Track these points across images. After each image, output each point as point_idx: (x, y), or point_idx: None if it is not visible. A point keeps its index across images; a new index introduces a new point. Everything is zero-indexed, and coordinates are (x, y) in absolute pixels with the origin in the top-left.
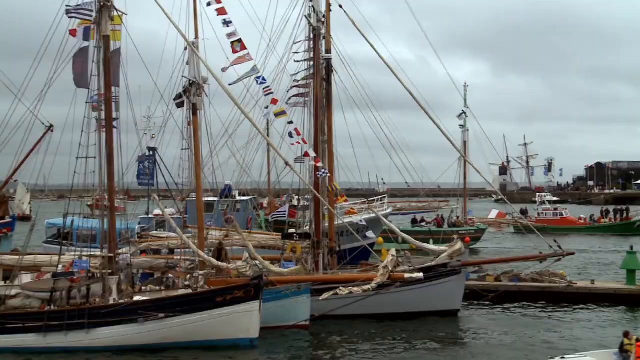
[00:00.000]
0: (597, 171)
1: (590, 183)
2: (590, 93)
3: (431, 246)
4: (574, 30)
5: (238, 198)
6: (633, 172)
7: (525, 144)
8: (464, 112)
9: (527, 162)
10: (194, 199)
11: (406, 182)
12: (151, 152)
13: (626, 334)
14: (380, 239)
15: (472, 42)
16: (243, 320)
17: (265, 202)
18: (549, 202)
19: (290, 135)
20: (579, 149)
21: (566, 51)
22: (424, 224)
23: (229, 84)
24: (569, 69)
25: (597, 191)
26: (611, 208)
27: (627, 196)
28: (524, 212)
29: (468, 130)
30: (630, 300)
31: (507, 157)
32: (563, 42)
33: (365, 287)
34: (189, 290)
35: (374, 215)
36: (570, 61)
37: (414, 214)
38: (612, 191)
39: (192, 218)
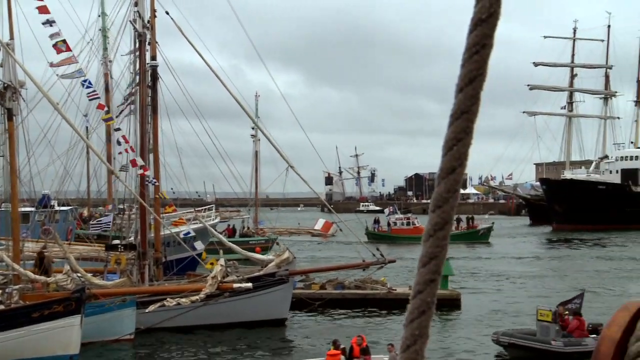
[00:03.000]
0: (416, 182)
1: (410, 193)
2: (400, 107)
3: (259, 255)
4: (382, 45)
5: (57, 208)
6: None
7: (356, 155)
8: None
9: (358, 173)
10: (9, 209)
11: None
12: None
13: (334, 342)
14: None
15: (283, 53)
16: (62, 335)
17: (85, 212)
18: (368, 211)
19: (119, 143)
20: (396, 160)
21: (376, 65)
22: None
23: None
24: (379, 82)
25: (415, 201)
26: (464, 217)
27: None
28: (377, 222)
29: (259, 140)
30: (443, 303)
31: (340, 167)
32: (372, 56)
33: (194, 298)
34: (1, 307)
35: (201, 225)
36: (381, 75)
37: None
38: (429, 201)
39: (6, 229)
